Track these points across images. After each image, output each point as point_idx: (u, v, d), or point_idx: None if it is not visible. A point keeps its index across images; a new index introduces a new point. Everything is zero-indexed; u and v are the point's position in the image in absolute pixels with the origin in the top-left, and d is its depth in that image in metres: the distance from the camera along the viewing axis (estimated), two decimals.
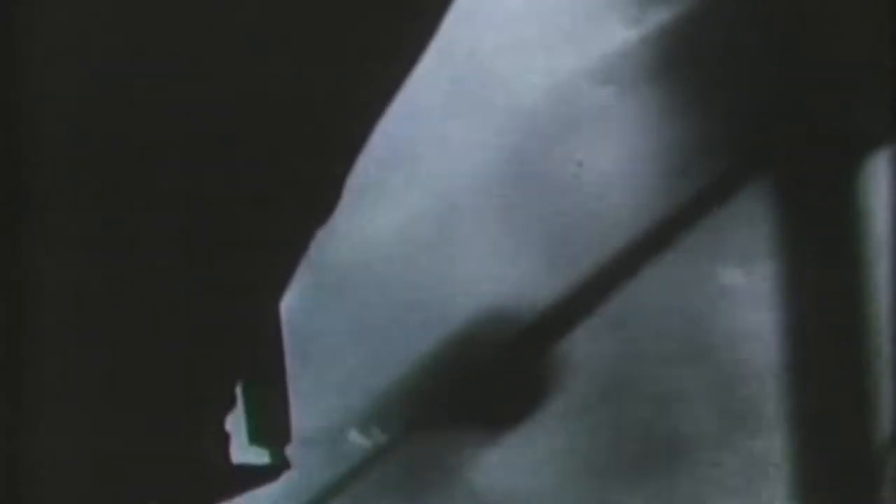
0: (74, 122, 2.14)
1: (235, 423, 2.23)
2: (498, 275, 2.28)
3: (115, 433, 2.13)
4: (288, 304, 2.27)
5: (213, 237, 2.18)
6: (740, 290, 2.23)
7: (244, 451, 2.24)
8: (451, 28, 2.25)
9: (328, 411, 2.35)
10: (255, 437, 2.25)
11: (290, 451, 2.25)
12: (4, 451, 2.09)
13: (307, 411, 2.32)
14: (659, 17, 2.26)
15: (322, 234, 2.24)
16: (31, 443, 2.10)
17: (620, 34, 2.27)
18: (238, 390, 2.22)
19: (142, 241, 2.16)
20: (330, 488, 2.30)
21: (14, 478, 2.09)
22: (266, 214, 2.20)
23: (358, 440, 2.33)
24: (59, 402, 2.12)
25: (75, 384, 2.13)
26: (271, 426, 2.26)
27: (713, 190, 2.24)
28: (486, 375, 2.29)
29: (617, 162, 2.26)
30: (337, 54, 2.20)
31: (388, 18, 2.21)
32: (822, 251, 2.22)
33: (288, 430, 2.26)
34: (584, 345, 2.25)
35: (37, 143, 2.13)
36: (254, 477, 2.23)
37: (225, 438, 2.20)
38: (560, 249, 2.26)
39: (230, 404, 2.21)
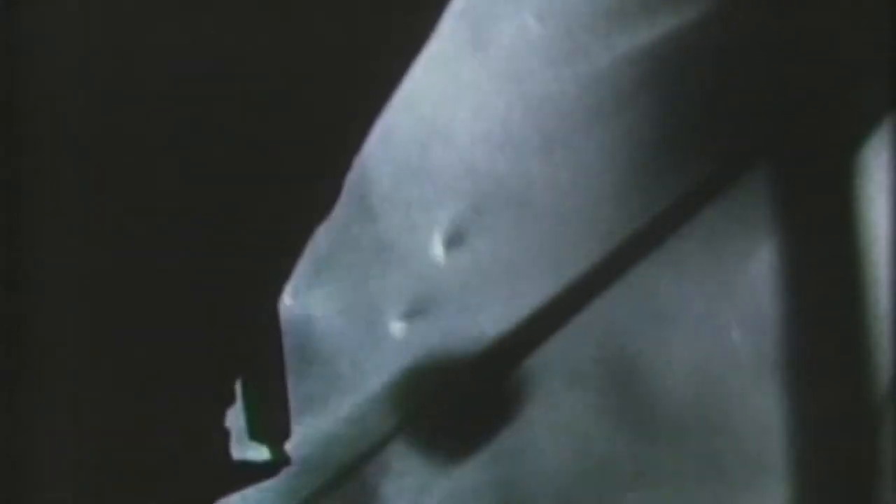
0: (75, 120, 2.15)
1: (235, 419, 2.23)
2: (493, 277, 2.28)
3: (114, 432, 2.14)
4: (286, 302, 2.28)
5: (212, 235, 2.19)
6: (739, 291, 2.23)
7: (243, 448, 2.25)
8: None
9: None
10: (255, 433, 2.26)
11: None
12: (4, 451, 2.10)
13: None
14: (666, 16, 2.26)
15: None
16: (31, 442, 2.11)
17: (629, 33, 2.27)
18: (237, 388, 2.23)
19: (140, 241, 2.16)
20: (321, 488, 2.30)
21: (14, 478, 2.10)
22: (264, 212, 2.21)
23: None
24: (58, 401, 2.12)
25: (74, 383, 2.13)
26: (270, 423, 2.26)
27: (711, 186, 2.24)
28: (468, 386, 2.28)
29: (614, 158, 2.26)
30: (336, 53, 2.20)
31: (388, 17, 2.21)
32: (822, 247, 2.22)
33: (287, 427, 2.26)
34: (573, 351, 2.24)
35: (37, 141, 2.13)
36: (253, 474, 2.24)
37: (224, 435, 2.21)
38: (553, 251, 2.26)
39: (229, 401, 2.22)
